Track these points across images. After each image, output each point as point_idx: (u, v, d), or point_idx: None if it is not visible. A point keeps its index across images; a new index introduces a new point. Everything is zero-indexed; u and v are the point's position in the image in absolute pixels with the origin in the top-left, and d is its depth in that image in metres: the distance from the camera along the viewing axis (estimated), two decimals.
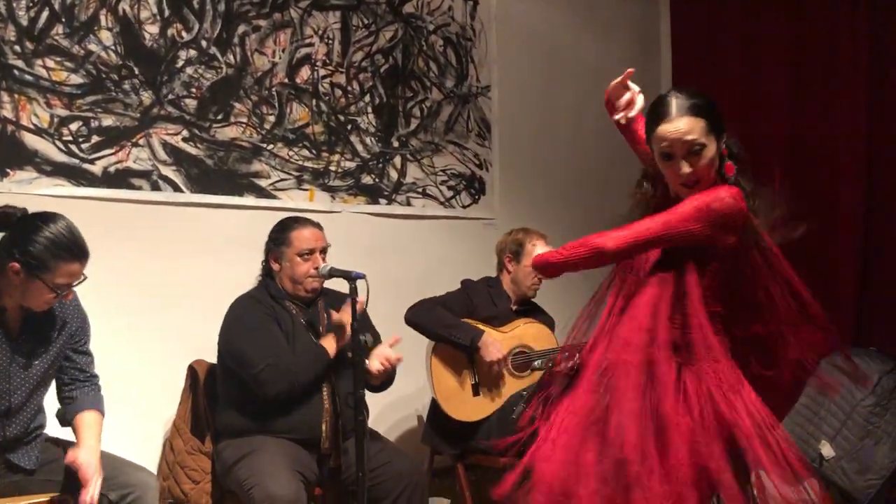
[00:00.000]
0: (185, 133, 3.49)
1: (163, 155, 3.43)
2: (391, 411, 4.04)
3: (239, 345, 3.02)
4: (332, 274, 3.03)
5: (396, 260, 4.06)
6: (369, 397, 2.98)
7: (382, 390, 3.24)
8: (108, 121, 3.30)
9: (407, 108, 4.21)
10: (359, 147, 4.03)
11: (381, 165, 4.10)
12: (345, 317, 2.98)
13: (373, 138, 4.08)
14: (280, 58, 3.78)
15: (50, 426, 2.66)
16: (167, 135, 3.44)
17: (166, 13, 3.44)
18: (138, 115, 3.37)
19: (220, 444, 3.06)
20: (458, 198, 4.40)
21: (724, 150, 2.19)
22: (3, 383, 2.44)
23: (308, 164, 3.85)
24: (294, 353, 3.04)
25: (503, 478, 2.20)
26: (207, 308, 3.24)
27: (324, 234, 3.20)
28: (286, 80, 3.79)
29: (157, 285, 3.38)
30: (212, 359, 3.22)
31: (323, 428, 3.03)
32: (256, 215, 3.57)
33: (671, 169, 2.17)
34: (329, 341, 3.05)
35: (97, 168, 3.27)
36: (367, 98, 4.07)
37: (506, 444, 2.32)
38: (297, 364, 2.99)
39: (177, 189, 3.46)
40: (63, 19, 3.20)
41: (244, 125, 3.66)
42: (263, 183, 3.71)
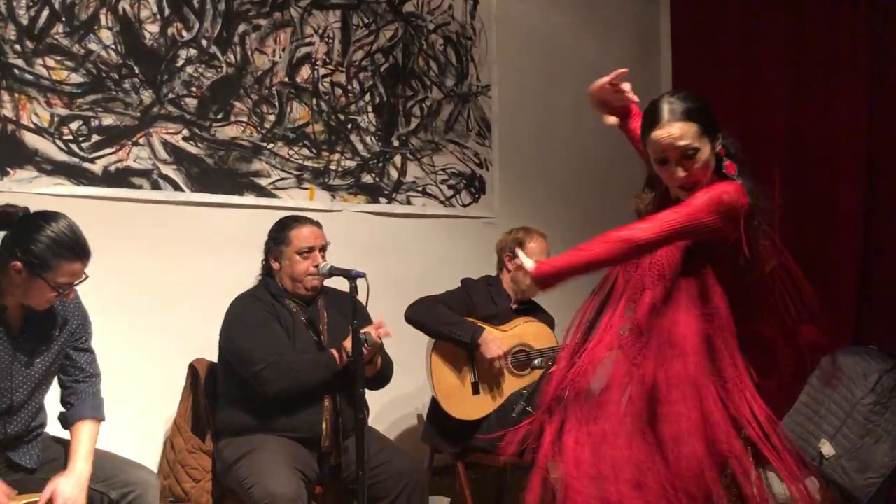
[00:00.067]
0: (185, 132, 3.49)
1: (163, 154, 3.43)
2: (391, 410, 4.04)
3: (240, 343, 3.02)
4: (332, 273, 3.04)
5: (397, 259, 4.06)
6: (369, 396, 2.99)
7: (379, 387, 3.24)
8: (108, 120, 3.30)
9: (407, 107, 4.21)
10: (359, 146, 4.03)
11: (381, 164, 4.10)
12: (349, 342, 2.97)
13: (373, 137, 4.08)
14: (280, 57, 3.78)
15: (51, 425, 2.66)
16: (167, 134, 3.45)
17: (166, 12, 3.44)
18: (139, 114, 3.37)
19: (221, 443, 3.06)
20: (458, 197, 4.40)
21: (721, 150, 2.20)
22: (5, 381, 2.44)
23: (308, 163, 3.85)
24: (295, 352, 3.04)
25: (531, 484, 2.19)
26: (208, 307, 3.25)
27: (323, 232, 3.21)
28: (286, 80, 3.80)
29: (157, 284, 3.38)
30: (212, 357, 3.22)
31: (323, 426, 3.03)
32: (257, 214, 3.57)
33: (667, 173, 2.18)
34: (337, 353, 3.03)
35: (97, 167, 3.27)
36: (368, 97, 4.07)
37: (511, 441, 2.31)
38: (299, 363, 2.99)
39: (177, 188, 3.47)
40: (63, 18, 3.20)
41: (244, 124, 3.66)
42: (264, 182, 3.71)
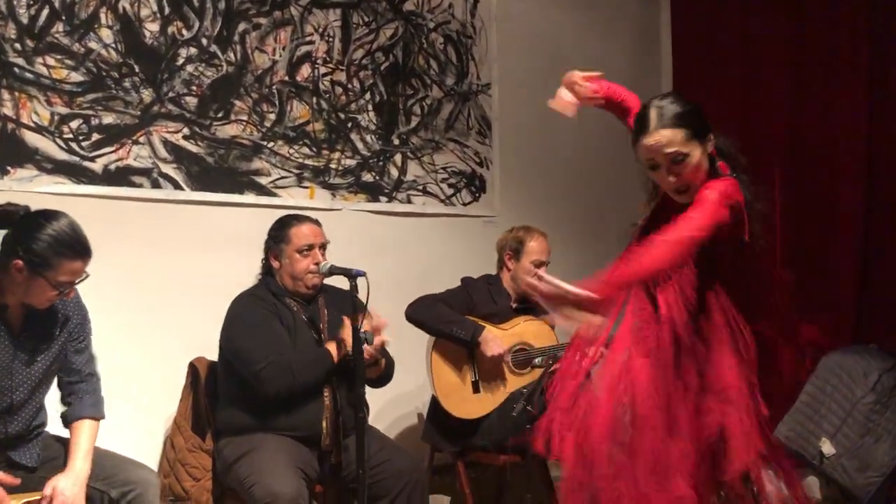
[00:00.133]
0: (185, 131, 3.49)
1: (163, 153, 3.43)
2: (391, 409, 4.04)
3: (240, 342, 3.02)
4: (332, 272, 3.04)
5: (397, 257, 4.06)
6: (370, 395, 2.99)
7: (380, 385, 3.24)
8: (108, 118, 3.30)
9: (407, 106, 4.21)
10: (359, 145, 4.03)
11: (381, 163, 4.10)
12: (347, 333, 2.99)
13: (373, 136, 4.08)
14: (280, 55, 3.78)
15: (52, 424, 2.66)
16: (168, 132, 3.44)
17: (166, 11, 3.44)
18: (139, 112, 3.37)
19: (221, 442, 3.06)
20: (458, 195, 4.40)
21: (714, 150, 2.20)
22: (6, 380, 2.44)
23: (308, 161, 3.85)
24: (295, 351, 3.04)
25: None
26: (208, 305, 3.25)
27: (322, 230, 3.20)
28: (286, 78, 3.79)
29: (157, 283, 3.38)
30: (213, 356, 3.22)
31: (323, 425, 3.03)
32: (257, 213, 3.57)
33: (659, 178, 2.21)
34: (333, 346, 3.05)
35: (98, 166, 3.27)
36: (368, 96, 4.07)
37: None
38: (299, 362, 2.99)
39: (177, 187, 3.46)
40: (63, 17, 3.19)
41: (245, 123, 3.66)
42: (264, 181, 3.71)
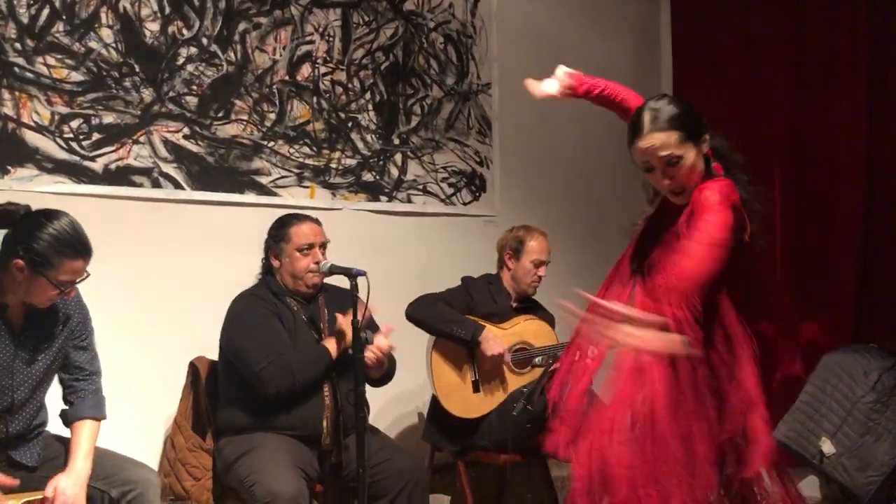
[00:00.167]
0: (185, 130, 3.49)
1: (164, 152, 3.43)
2: (392, 408, 4.04)
3: (241, 342, 3.02)
4: (332, 271, 3.04)
5: (397, 257, 4.07)
6: (370, 394, 2.99)
7: (382, 385, 3.24)
8: (108, 118, 3.30)
9: (407, 106, 4.21)
10: (359, 144, 4.03)
11: (381, 163, 4.10)
12: (345, 323, 2.99)
13: (373, 135, 4.08)
14: (281, 55, 3.78)
15: (53, 423, 2.66)
16: (168, 132, 3.44)
17: (167, 10, 3.44)
18: (139, 112, 3.37)
19: (222, 441, 3.06)
20: (458, 195, 4.40)
21: (709, 151, 2.20)
22: (7, 379, 2.44)
23: (309, 161, 3.85)
24: (296, 350, 3.04)
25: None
26: (208, 305, 3.25)
27: (322, 229, 3.20)
28: (287, 78, 3.79)
29: (158, 282, 3.38)
30: (213, 356, 3.22)
31: (324, 424, 3.03)
32: (257, 212, 3.57)
33: (655, 180, 2.22)
34: (332, 342, 3.05)
35: (98, 165, 3.27)
36: (368, 95, 4.07)
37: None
38: (299, 362, 2.99)
39: (178, 186, 3.46)
40: (64, 17, 3.19)
41: (245, 122, 3.66)
42: (264, 180, 3.71)
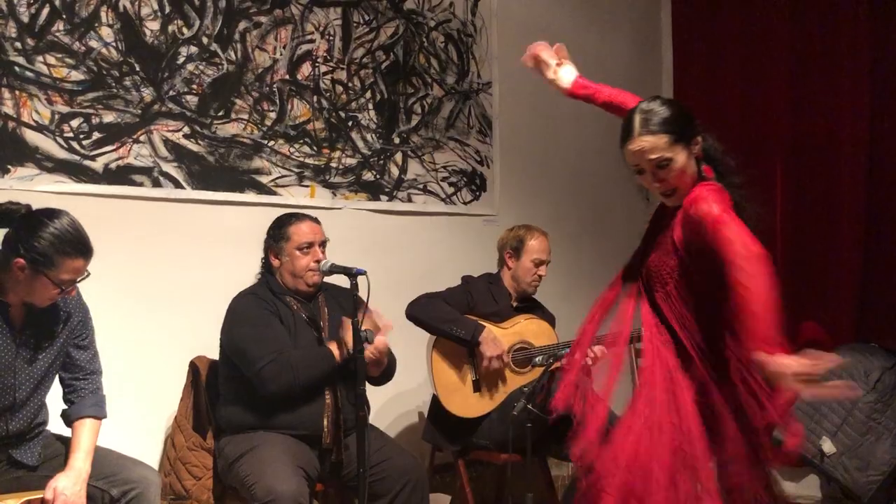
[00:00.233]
0: (186, 129, 3.49)
1: (164, 151, 3.43)
2: (392, 407, 4.04)
3: (241, 340, 3.02)
4: (333, 270, 3.04)
5: (397, 256, 4.06)
6: (370, 393, 2.99)
7: (382, 384, 3.24)
8: (109, 117, 3.30)
9: (408, 105, 4.21)
10: (360, 143, 4.03)
11: (382, 162, 4.10)
12: (347, 333, 2.97)
13: (374, 135, 4.08)
14: (281, 54, 3.78)
15: (53, 423, 2.66)
16: (168, 131, 3.44)
17: (167, 10, 3.44)
18: (139, 111, 3.37)
19: (222, 441, 3.06)
20: (458, 194, 4.40)
21: (700, 153, 2.20)
22: (8, 378, 2.44)
23: (309, 160, 3.85)
24: (296, 349, 3.04)
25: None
26: (209, 304, 3.25)
27: (321, 227, 3.20)
28: (287, 77, 3.79)
29: (158, 281, 3.38)
30: (213, 355, 3.22)
31: (324, 424, 3.03)
32: (257, 212, 3.57)
33: (646, 182, 2.22)
34: (335, 346, 3.04)
35: (98, 165, 3.27)
36: (368, 94, 4.07)
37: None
38: (301, 361, 2.99)
39: (178, 186, 3.46)
40: (64, 16, 3.19)
41: (245, 122, 3.66)
42: (264, 179, 3.71)
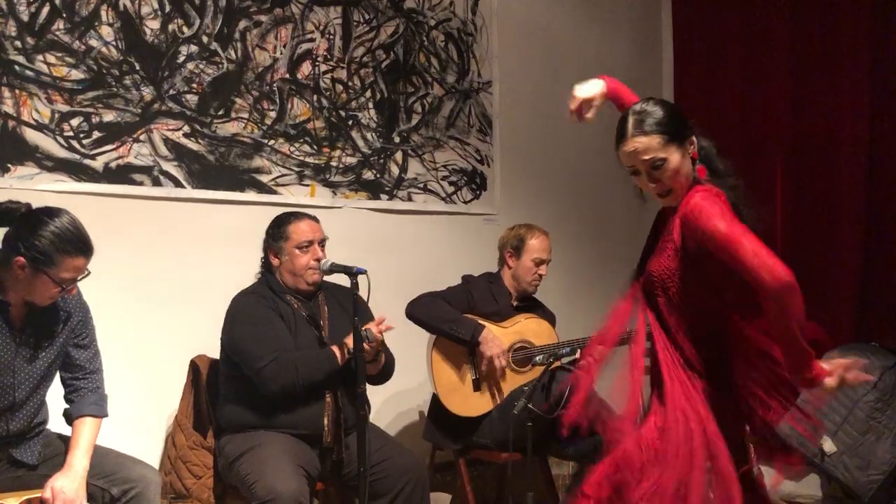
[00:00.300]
0: (186, 128, 3.49)
1: (164, 150, 3.43)
2: (392, 407, 4.04)
3: (242, 340, 3.02)
4: (333, 269, 3.03)
5: (397, 255, 4.06)
6: (371, 392, 2.99)
7: (381, 382, 3.24)
8: (109, 116, 3.29)
9: (408, 104, 4.21)
10: (360, 142, 4.02)
11: (382, 161, 4.10)
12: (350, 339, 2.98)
13: (374, 134, 4.07)
14: (281, 53, 3.78)
15: (53, 422, 2.66)
16: (168, 130, 3.44)
17: (167, 8, 3.44)
18: (139, 110, 3.37)
19: (223, 440, 3.06)
20: (459, 193, 4.39)
21: (695, 153, 2.20)
22: (8, 378, 2.44)
23: (309, 159, 3.85)
24: (297, 348, 3.04)
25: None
26: (209, 303, 3.25)
27: (321, 226, 3.20)
28: (287, 76, 3.79)
29: (158, 281, 3.38)
30: (214, 354, 3.22)
31: (325, 423, 3.03)
32: (258, 211, 3.57)
33: (641, 183, 2.22)
34: (337, 349, 3.03)
35: (98, 164, 3.27)
36: (369, 93, 4.07)
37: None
38: (303, 360, 2.99)
39: (178, 185, 3.46)
40: (64, 15, 3.19)
41: (245, 121, 3.66)
42: (265, 178, 3.71)
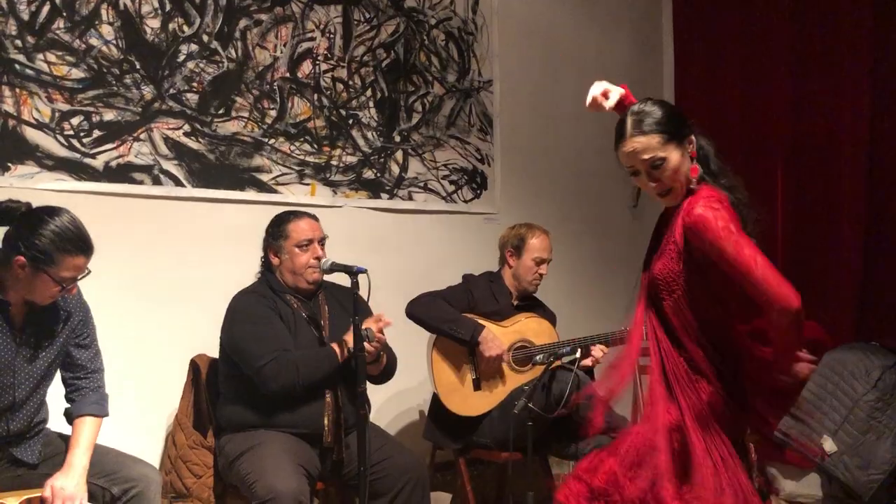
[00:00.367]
0: (186, 127, 3.49)
1: (164, 149, 3.43)
2: (393, 406, 4.04)
3: (241, 339, 3.01)
4: (333, 268, 3.03)
5: (398, 254, 4.06)
6: (371, 392, 2.99)
7: (383, 382, 3.24)
8: (109, 115, 3.29)
9: (408, 103, 4.21)
10: (360, 142, 4.02)
11: (382, 160, 4.10)
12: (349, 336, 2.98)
13: (374, 133, 4.07)
14: (281, 52, 3.77)
15: (54, 421, 2.66)
16: (168, 129, 3.44)
17: (167, 7, 3.44)
18: (140, 109, 3.37)
19: (223, 439, 3.06)
20: (459, 192, 4.39)
21: (694, 152, 2.20)
22: (8, 377, 2.44)
23: (309, 158, 3.85)
24: (296, 347, 3.04)
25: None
26: (209, 302, 3.25)
27: (320, 224, 3.20)
28: (287, 75, 3.79)
29: (158, 279, 3.38)
30: (214, 353, 3.22)
31: (325, 422, 3.02)
32: (258, 210, 3.57)
33: (641, 183, 2.23)
34: (336, 347, 3.04)
35: (98, 162, 3.27)
36: (369, 92, 4.07)
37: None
38: (303, 359, 2.99)
39: (178, 183, 3.46)
40: (64, 14, 3.19)
41: (245, 120, 3.66)
42: (265, 177, 3.71)
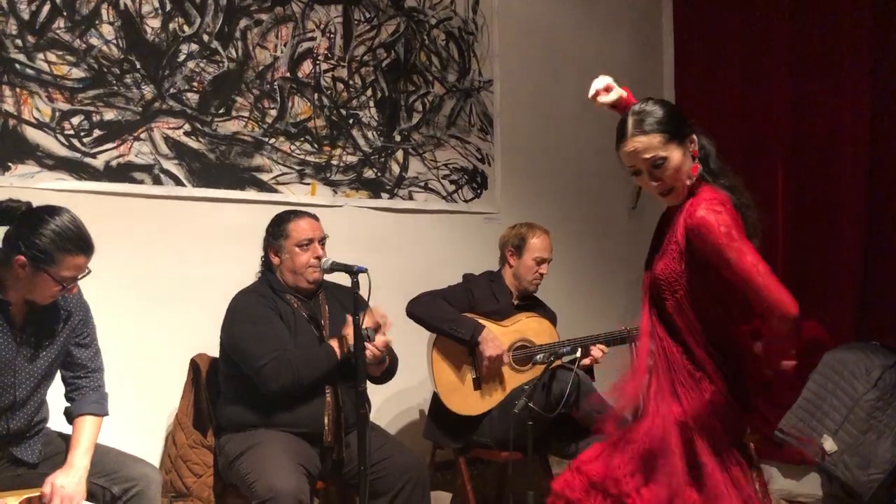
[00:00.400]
0: (186, 127, 3.49)
1: (164, 149, 3.43)
2: (393, 405, 4.04)
3: (241, 339, 3.01)
4: (333, 268, 3.03)
5: (398, 254, 4.06)
6: (371, 391, 2.99)
7: (384, 382, 3.24)
8: (109, 115, 3.29)
9: (409, 103, 4.21)
10: (361, 141, 4.02)
11: (383, 160, 4.10)
12: (348, 329, 2.99)
13: (375, 132, 4.07)
14: (282, 52, 3.77)
15: (54, 420, 2.66)
16: (169, 129, 3.44)
17: (168, 7, 3.44)
18: (140, 109, 3.37)
19: (223, 438, 3.06)
20: (460, 192, 4.39)
21: (695, 151, 2.21)
22: (9, 377, 2.44)
23: (310, 158, 3.85)
24: (296, 347, 3.04)
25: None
26: (209, 302, 3.25)
27: (320, 224, 3.20)
28: (288, 75, 3.79)
29: (158, 279, 3.38)
30: (214, 353, 3.22)
31: (325, 422, 3.02)
32: (258, 209, 3.57)
33: (643, 182, 2.23)
34: (335, 343, 3.04)
35: (99, 162, 3.27)
36: (369, 92, 4.07)
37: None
38: (303, 359, 2.99)
39: (178, 183, 3.46)
40: (64, 13, 3.19)
41: (246, 119, 3.66)
42: (265, 177, 3.71)
